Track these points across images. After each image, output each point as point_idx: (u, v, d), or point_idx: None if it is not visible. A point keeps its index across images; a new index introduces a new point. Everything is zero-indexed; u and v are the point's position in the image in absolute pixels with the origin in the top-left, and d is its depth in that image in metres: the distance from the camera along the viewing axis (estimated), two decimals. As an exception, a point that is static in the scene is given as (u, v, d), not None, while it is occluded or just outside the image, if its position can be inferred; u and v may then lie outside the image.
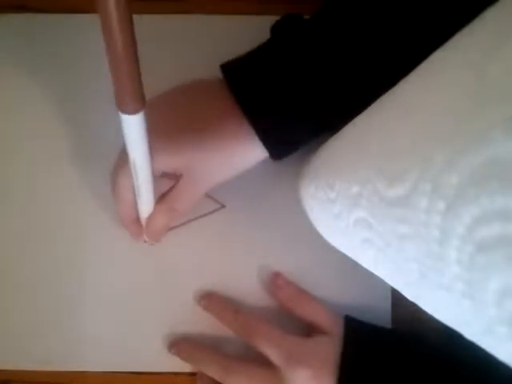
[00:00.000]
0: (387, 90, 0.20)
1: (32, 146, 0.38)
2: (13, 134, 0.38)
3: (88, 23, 0.39)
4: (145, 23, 0.39)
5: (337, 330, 0.33)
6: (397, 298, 0.36)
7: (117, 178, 0.32)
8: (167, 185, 0.33)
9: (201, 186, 0.32)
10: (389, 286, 0.32)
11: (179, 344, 0.36)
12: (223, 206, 0.38)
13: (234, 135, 0.31)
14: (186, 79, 0.34)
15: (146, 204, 0.32)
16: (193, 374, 0.36)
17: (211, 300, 0.36)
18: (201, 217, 0.37)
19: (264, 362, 0.33)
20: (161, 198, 0.33)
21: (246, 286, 0.37)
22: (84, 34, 0.39)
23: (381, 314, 0.36)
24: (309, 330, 0.35)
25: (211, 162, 0.31)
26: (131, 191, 0.31)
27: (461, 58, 0.15)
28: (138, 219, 0.34)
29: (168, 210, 0.32)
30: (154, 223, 0.33)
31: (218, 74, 0.32)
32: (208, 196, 0.37)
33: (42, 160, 0.38)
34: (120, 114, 0.23)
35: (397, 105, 0.19)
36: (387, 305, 0.36)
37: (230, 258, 0.37)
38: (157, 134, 0.27)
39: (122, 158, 0.31)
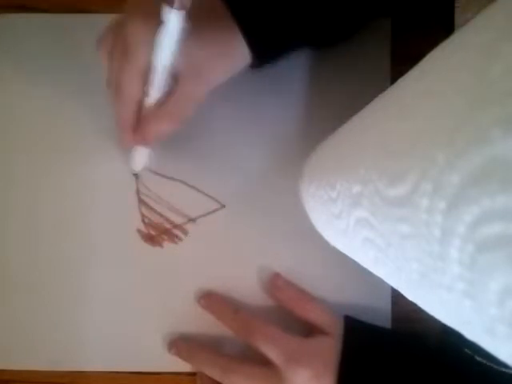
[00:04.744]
0: None
1: (33, 145, 0.38)
2: (13, 133, 0.38)
3: (88, 23, 0.39)
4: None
5: (336, 330, 0.33)
6: (397, 298, 0.36)
7: (123, 76, 0.31)
8: None
9: (200, 84, 0.31)
10: (389, 285, 0.32)
11: (178, 344, 0.36)
12: (223, 206, 0.38)
13: (221, 31, 0.31)
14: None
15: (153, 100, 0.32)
16: (193, 374, 0.36)
17: (211, 299, 0.36)
18: (201, 217, 0.37)
19: (264, 362, 0.33)
20: (161, 104, 0.32)
21: (246, 285, 0.37)
22: (85, 34, 0.39)
23: (381, 313, 0.36)
24: (309, 330, 0.35)
25: (206, 56, 0.31)
26: (137, 90, 0.31)
27: (460, 57, 0.15)
28: (133, 125, 0.33)
29: (170, 114, 0.32)
30: (155, 127, 0.32)
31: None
32: (208, 196, 0.37)
33: (42, 159, 0.38)
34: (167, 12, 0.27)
35: (397, 104, 0.19)
36: (387, 305, 0.36)
37: (230, 258, 0.37)
38: None
39: (127, 57, 0.30)
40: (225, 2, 0.30)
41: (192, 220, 0.37)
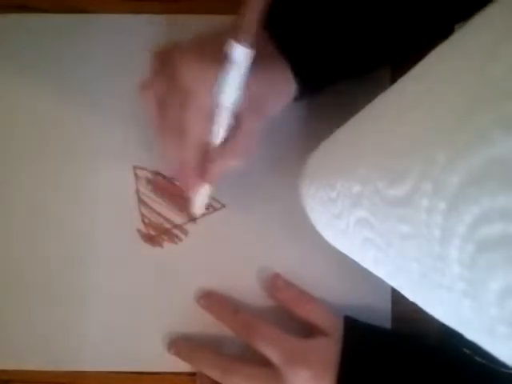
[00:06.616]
0: None
1: (34, 145, 0.38)
2: (13, 133, 0.38)
3: (89, 23, 0.39)
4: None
5: (336, 330, 0.33)
6: (397, 298, 0.36)
7: (187, 120, 0.31)
8: None
9: (261, 119, 0.32)
10: (389, 285, 0.32)
11: (178, 344, 0.36)
12: (223, 206, 0.38)
13: (272, 68, 0.31)
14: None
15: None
16: (193, 374, 0.36)
17: (210, 299, 0.36)
18: (201, 217, 0.37)
19: (264, 363, 0.33)
20: (225, 142, 0.32)
21: (246, 285, 0.37)
22: (85, 34, 0.39)
23: (381, 313, 0.36)
24: (309, 330, 0.35)
25: (263, 92, 0.31)
26: (203, 132, 0.31)
27: (460, 57, 0.15)
28: (198, 167, 0.33)
29: (236, 151, 0.32)
30: (222, 165, 0.33)
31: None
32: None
33: (44, 159, 0.38)
34: (235, 48, 0.26)
35: (397, 104, 0.19)
36: (387, 305, 0.36)
37: (230, 258, 0.37)
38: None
39: (188, 101, 0.30)
40: (276, 45, 0.31)
41: (192, 220, 0.37)
